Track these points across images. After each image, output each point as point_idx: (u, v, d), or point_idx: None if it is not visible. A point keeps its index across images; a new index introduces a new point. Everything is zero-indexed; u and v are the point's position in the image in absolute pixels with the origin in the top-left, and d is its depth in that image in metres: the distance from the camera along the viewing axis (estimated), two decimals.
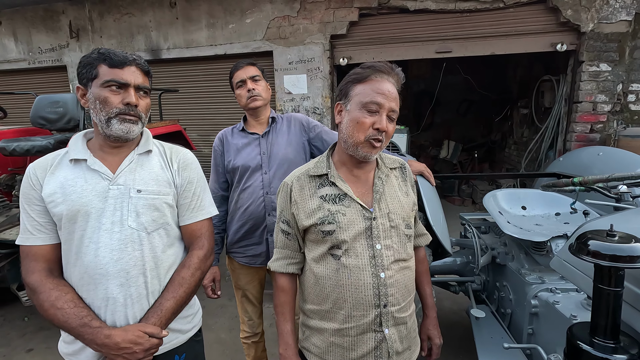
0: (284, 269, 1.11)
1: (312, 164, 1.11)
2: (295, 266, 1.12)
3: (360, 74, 1.01)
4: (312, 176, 1.07)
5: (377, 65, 1.00)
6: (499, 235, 2.09)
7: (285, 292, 1.12)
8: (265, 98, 1.64)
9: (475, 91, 6.72)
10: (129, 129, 1.00)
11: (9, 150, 2.57)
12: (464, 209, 5.84)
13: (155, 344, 0.96)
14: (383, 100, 0.97)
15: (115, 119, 0.98)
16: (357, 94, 1.00)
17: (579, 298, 1.39)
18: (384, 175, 1.09)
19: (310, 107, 4.25)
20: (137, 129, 1.02)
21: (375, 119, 0.97)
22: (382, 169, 1.10)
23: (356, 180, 1.07)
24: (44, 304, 0.94)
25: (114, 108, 0.98)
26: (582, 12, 3.47)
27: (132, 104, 0.98)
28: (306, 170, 1.10)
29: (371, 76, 0.99)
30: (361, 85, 0.99)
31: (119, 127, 0.99)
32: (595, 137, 3.65)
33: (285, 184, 1.10)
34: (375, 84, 0.98)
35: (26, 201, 1.00)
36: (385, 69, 1.00)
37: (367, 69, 1.00)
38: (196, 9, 4.35)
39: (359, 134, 0.98)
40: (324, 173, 1.06)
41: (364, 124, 0.97)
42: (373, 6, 3.87)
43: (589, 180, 1.44)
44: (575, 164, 2.33)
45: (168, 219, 1.07)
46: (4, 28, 5.04)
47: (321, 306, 1.05)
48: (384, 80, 0.98)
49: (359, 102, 0.99)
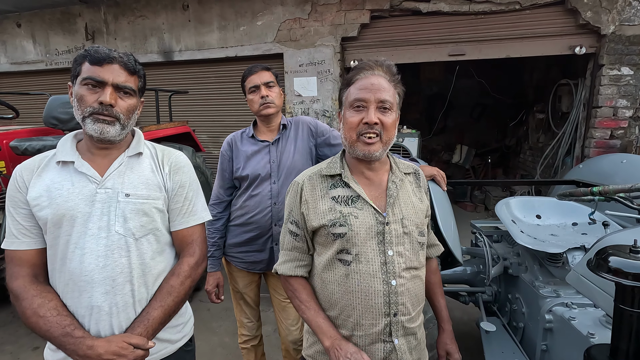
0: (292, 272, 1.07)
1: (324, 164, 1.09)
2: (304, 269, 1.08)
3: (347, 78, 1.03)
4: (325, 176, 1.05)
5: (359, 64, 1.02)
6: (512, 244, 2.01)
7: (303, 288, 1.06)
8: (278, 105, 1.61)
9: (489, 95, 6.59)
10: (102, 129, 0.95)
11: (21, 149, 2.61)
12: (476, 215, 5.71)
13: (140, 356, 0.92)
14: (366, 95, 0.96)
15: (89, 119, 0.95)
16: (346, 98, 1.01)
17: (597, 314, 1.31)
18: (398, 179, 1.06)
19: (320, 110, 4.22)
20: (113, 130, 0.97)
21: (363, 114, 0.96)
22: (396, 173, 1.07)
23: (369, 183, 1.04)
24: (26, 312, 0.91)
25: (88, 107, 0.94)
26: (602, 14, 3.35)
27: (105, 103, 0.94)
28: (319, 169, 1.07)
29: (356, 76, 1.00)
30: (349, 88, 1.01)
31: (92, 126, 0.95)
32: (616, 143, 3.50)
33: (295, 183, 1.07)
34: (359, 82, 0.99)
35: (12, 204, 0.97)
36: (368, 64, 1.00)
37: (353, 71, 1.02)
38: (208, 12, 4.38)
39: (350, 132, 0.99)
40: (337, 173, 1.04)
41: (352, 122, 0.98)
42: (385, 8, 3.82)
43: (609, 190, 1.35)
44: (596, 171, 2.23)
45: (158, 225, 1.03)
46: (24, 30, 5.17)
47: (328, 312, 1.02)
48: (368, 76, 0.98)
49: (347, 104, 1.00)
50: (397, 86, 1.01)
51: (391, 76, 1.00)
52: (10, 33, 5.23)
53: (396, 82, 1.00)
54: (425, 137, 7.05)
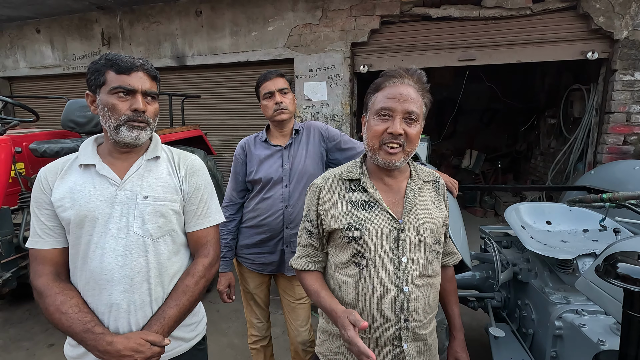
0: (306, 267, 1.11)
1: (344, 167, 1.11)
2: (318, 264, 1.11)
3: (376, 84, 1.02)
4: (344, 179, 1.07)
5: (389, 72, 1.01)
6: (522, 250, 2.00)
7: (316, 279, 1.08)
8: (291, 111, 1.64)
9: (499, 100, 6.54)
10: (138, 136, 1.00)
11: (40, 151, 2.69)
12: (486, 220, 5.66)
13: (156, 352, 0.95)
14: (394, 104, 0.95)
15: (124, 126, 0.98)
16: (372, 104, 1.01)
17: (607, 322, 1.30)
18: (417, 187, 1.06)
19: (330, 114, 4.25)
20: (145, 135, 1.02)
21: (388, 124, 0.96)
22: (415, 181, 1.07)
23: (388, 189, 1.05)
24: (49, 308, 0.95)
25: (122, 115, 0.97)
26: (615, 19, 3.32)
27: (139, 110, 0.98)
28: (338, 172, 1.09)
29: (385, 83, 0.99)
30: (377, 94, 1.01)
31: (128, 134, 0.99)
32: (629, 149, 3.45)
33: (315, 184, 1.10)
34: (387, 90, 0.98)
35: (36, 205, 1.01)
36: (398, 73, 0.99)
37: (381, 77, 1.01)
38: (220, 18, 4.46)
39: (374, 140, 0.99)
40: (356, 178, 1.05)
41: (376, 131, 0.98)
42: (395, 14, 3.84)
43: (619, 197, 1.35)
44: (609, 178, 2.21)
45: (174, 226, 1.07)
46: (42, 36, 5.33)
47: None
48: (397, 85, 0.98)
49: (374, 110, 1.00)
50: (425, 95, 1.00)
51: (420, 85, 0.99)
52: (29, 38, 5.40)
53: (424, 92, 1.00)
54: (434, 141, 7.04)
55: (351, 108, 4.22)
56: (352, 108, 4.24)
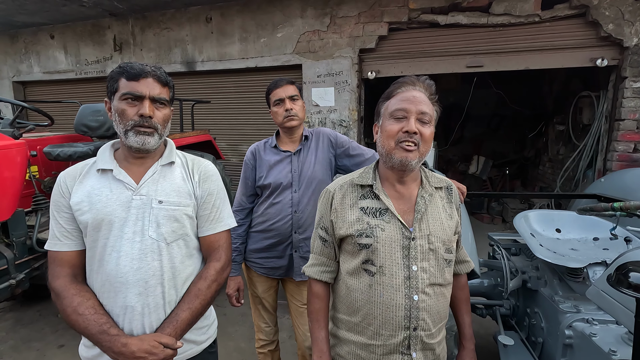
0: (318, 276, 1.12)
1: (357, 173, 1.12)
2: (329, 275, 1.13)
3: (387, 92, 1.05)
4: (356, 185, 1.08)
5: (401, 80, 1.04)
6: (531, 258, 1.99)
7: (319, 299, 1.12)
8: (301, 118, 1.67)
9: (507, 106, 6.52)
10: (144, 141, 1.02)
11: (53, 155, 2.74)
12: (494, 227, 5.62)
13: (169, 355, 0.97)
14: (408, 105, 0.98)
15: (131, 131, 1.01)
16: (386, 109, 1.04)
17: (619, 331, 1.29)
18: (428, 194, 1.06)
19: (337, 120, 4.27)
20: (152, 141, 1.03)
21: (403, 124, 0.98)
22: (426, 188, 1.07)
23: (399, 197, 1.05)
24: (66, 309, 0.97)
25: (129, 120, 1.00)
26: (625, 26, 3.31)
27: (145, 115, 1.00)
28: (350, 179, 1.10)
29: (397, 90, 1.03)
30: (390, 100, 1.04)
31: (135, 139, 1.01)
32: (639, 157, 3.42)
33: (327, 191, 1.12)
34: (400, 94, 1.02)
35: (55, 208, 1.04)
36: (410, 80, 1.03)
37: (393, 86, 1.05)
38: (230, 24, 4.53)
39: (389, 140, 1.00)
40: (369, 184, 1.06)
41: (391, 130, 0.99)
42: (403, 21, 3.87)
43: (631, 206, 1.34)
44: (619, 186, 2.20)
45: (187, 230, 1.09)
46: (56, 41, 5.45)
47: (351, 318, 1.05)
48: (409, 90, 1.01)
49: (387, 114, 1.02)
50: (435, 104, 1.03)
51: (430, 94, 1.03)
52: (43, 44, 5.53)
53: (434, 101, 1.03)
54: (441, 147, 7.03)
55: (358, 114, 4.24)
56: (359, 114, 4.27)
